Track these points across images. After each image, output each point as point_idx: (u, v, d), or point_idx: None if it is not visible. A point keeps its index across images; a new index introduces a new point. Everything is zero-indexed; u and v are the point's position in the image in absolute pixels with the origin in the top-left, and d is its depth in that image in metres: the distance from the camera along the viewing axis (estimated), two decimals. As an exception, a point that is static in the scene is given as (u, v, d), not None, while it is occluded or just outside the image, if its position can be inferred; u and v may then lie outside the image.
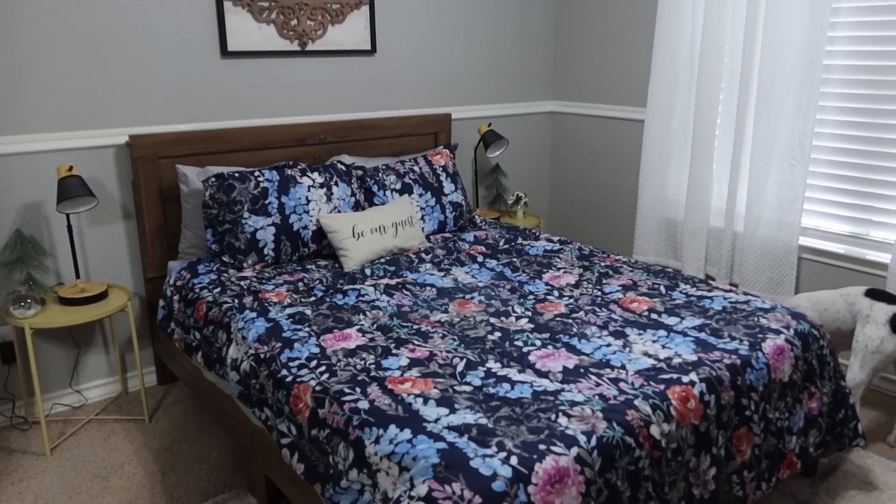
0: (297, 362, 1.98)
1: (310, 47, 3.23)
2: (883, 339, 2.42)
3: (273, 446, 2.05)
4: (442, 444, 1.55)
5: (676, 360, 1.96)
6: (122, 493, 2.35)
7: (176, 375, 2.95)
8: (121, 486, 2.39)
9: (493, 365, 1.94)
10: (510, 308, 2.35)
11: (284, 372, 1.96)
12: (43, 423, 2.56)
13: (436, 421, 1.65)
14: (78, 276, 2.72)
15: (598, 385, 1.82)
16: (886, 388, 2.98)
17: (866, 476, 2.40)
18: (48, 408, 2.88)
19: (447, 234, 3.19)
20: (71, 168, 2.58)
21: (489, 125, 3.77)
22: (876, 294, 2.51)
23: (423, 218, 3.13)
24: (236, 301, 2.39)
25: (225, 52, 3.01)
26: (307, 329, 2.16)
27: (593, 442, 1.61)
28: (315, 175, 2.90)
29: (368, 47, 3.41)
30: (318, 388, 1.84)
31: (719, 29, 3.21)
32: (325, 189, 2.89)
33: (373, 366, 1.93)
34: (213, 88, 3.04)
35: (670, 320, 2.24)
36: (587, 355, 2.00)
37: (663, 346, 2.05)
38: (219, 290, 2.51)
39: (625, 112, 3.84)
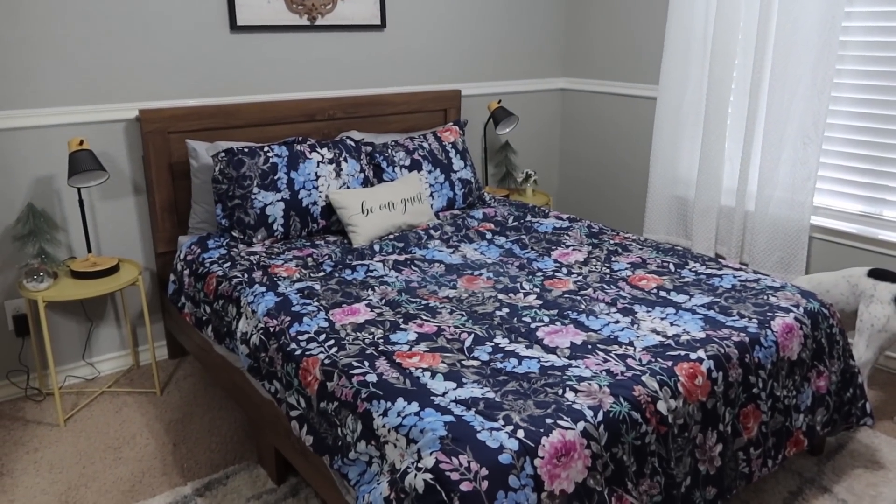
0: (306, 336, 2.00)
1: (319, 22, 3.21)
2: (889, 317, 2.42)
3: (282, 419, 2.07)
4: (449, 417, 1.56)
5: (685, 338, 1.96)
6: (134, 463, 2.39)
7: (186, 349, 2.98)
8: (133, 456, 2.43)
9: (500, 340, 1.95)
10: (518, 284, 2.36)
11: (293, 345, 1.97)
12: (56, 395, 2.60)
13: (443, 394, 1.66)
14: (90, 250, 2.74)
15: (605, 361, 1.83)
16: (895, 367, 2.98)
17: (873, 455, 2.40)
18: (62, 380, 2.92)
19: (456, 211, 3.19)
20: (82, 142, 2.59)
21: (499, 102, 3.74)
22: (879, 274, 2.51)
23: (431, 195, 3.12)
24: (246, 276, 2.41)
25: (234, 26, 3.00)
26: (316, 303, 2.17)
27: (600, 417, 1.61)
28: (324, 151, 2.90)
29: (378, 22, 3.38)
30: (326, 361, 1.86)
31: (734, 5, 3.17)
32: (334, 165, 2.89)
33: (381, 340, 1.94)
34: (223, 63, 3.03)
35: (679, 298, 2.24)
36: (595, 332, 2.00)
37: (672, 324, 2.05)
38: (228, 264, 2.53)
39: (637, 89, 3.80)
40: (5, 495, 2.24)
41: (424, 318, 2.09)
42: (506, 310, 2.15)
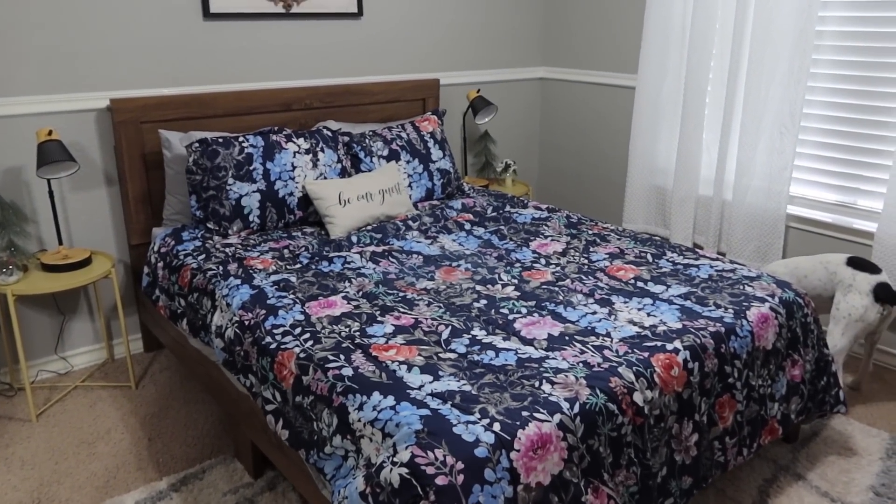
0: (281, 329, 1.97)
1: (294, 10, 3.16)
2: (866, 308, 2.44)
3: (258, 413, 2.05)
4: (425, 411, 1.55)
5: (661, 328, 1.96)
6: (109, 458, 2.36)
7: (162, 342, 2.94)
8: (107, 451, 2.39)
9: (478, 332, 1.94)
10: (496, 276, 2.35)
11: (268, 339, 1.95)
12: (28, 390, 2.55)
13: (419, 388, 1.65)
14: (61, 243, 2.69)
15: (582, 353, 1.83)
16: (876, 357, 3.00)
17: (846, 442, 2.43)
18: (34, 374, 2.87)
19: (434, 202, 3.17)
20: (50, 132, 2.53)
21: (478, 91, 3.72)
22: (857, 263, 2.53)
23: (410, 185, 3.10)
24: (221, 268, 2.37)
25: (207, 13, 2.94)
26: (292, 296, 2.15)
27: (576, 409, 1.61)
28: (300, 141, 2.86)
29: (355, 10, 3.34)
30: (302, 355, 1.84)
31: (712, -6, 3.17)
32: (310, 155, 2.85)
33: (357, 333, 1.93)
34: (196, 51, 2.97)
35: (656, 288, 2.24)
36: (572, 323, 2.00)
37: (648, 314, 2.05)
38: (203, 257, 2.49)
39: (615, 79, 3.79)
40: (-24, 493, 2.20)
41: (402, 310, 2.07)
42: (483, 301, 2.14)
